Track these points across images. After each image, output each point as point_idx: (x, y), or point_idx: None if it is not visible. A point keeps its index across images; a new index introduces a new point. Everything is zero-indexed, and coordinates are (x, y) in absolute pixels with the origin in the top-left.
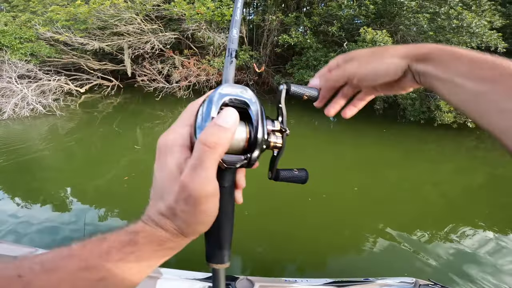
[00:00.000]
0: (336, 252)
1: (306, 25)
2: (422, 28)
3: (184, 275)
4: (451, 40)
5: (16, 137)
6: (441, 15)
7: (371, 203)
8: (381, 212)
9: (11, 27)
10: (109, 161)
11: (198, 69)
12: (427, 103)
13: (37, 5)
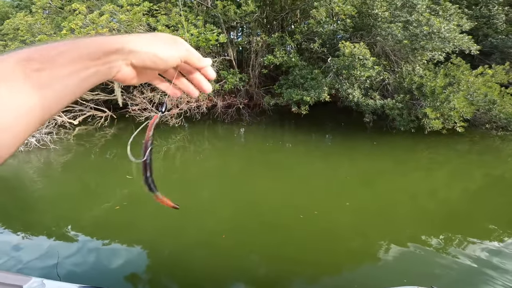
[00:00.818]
0: (331, 268)
1: (289, 44)
2: (397, 37)
3: None
4: (425, 46)
5: (11, 171)
6: (413, 22)
7: (365, 217)
8: (377, 225)
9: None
10: (103, 192)
11: (187, 96)
12: (415, 112)
13: (26, 34)
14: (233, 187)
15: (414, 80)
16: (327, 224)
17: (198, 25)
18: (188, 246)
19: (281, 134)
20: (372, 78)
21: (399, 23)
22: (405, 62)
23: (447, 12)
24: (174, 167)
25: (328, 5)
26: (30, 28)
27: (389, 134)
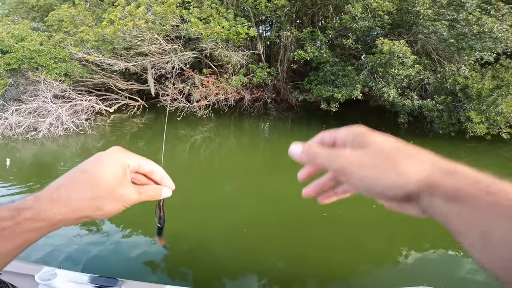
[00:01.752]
0: (351, 268)
1: (321, 39)
2: (442, 36)
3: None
4: (474, 46)
5: (51, 154)
6: (460, 21)
7: (391, 220)
8: (403, 230)
9: (46, 46)
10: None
11: (217, 88)
12: (456, 115)
13: (69, 25)
14: (257, 182)
15: (458, 81)
16: (350, 224)
17: (229, 18)
18: (209, 239)
19: (307, 131)
20: (410, 77)
21: (444, 21)
22: (448, 62)
23: (499, 12)
24: (199, 159)
25: (364, 1)
26: (73, 20)
27: (425, 137)
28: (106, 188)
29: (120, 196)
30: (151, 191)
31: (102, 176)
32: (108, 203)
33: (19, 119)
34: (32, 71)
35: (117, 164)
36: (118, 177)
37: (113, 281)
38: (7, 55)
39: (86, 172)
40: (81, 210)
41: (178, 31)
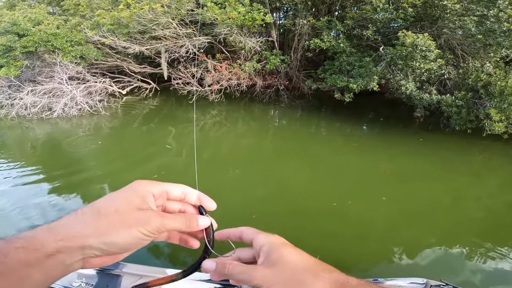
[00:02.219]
0: (358, 259)
1: (338, 29)
2: (470, 31)
3: (190, 276)
4: (502, 43)
5: (63, 133)
6: (490, 17)
7: (400, 214)
8: (412, 224)
9: (63, 30)
10: (144, 159)
11: (230, 73)
12: (475, 111)
13: (85, 9)
14: (266, 168)
15: (481, 77)
16: (360, 215)
17: (245, 4)
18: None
19: (318, 120)
20: (431, 72)
21: (473, 17)
22: (473, 58)
23: None
24: (208, 142)
25: None
26: (89, 4)
27: (439, 132)
28: (116, 214)
29: (134, 222)
30: (180, 218)
31: (111, 203)
32: (118, 230)
33: (35, 99)
34: (48, 53)
35: (132, 191)
36: (133, 203)
37: (115, 264)
38: (24, 38)
39: (95, 204)
40: (81, 237)
41: (193, 16)
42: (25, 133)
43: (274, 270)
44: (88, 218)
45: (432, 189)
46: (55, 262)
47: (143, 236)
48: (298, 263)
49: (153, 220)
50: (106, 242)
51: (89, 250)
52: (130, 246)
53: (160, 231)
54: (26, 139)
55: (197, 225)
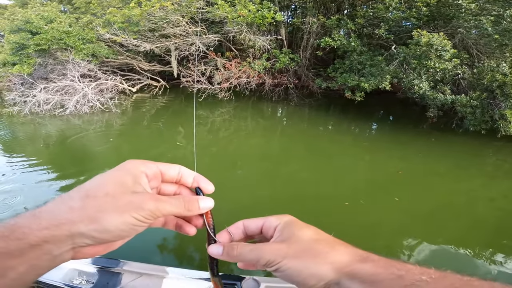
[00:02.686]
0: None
1: (349, 27)
2: (487, 31)
3: (190, 274)
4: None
5: (74, 130)
6: (507, 17)
7: (412, 215)
8: (425, 225)
9: (75, 28)
10: (155, 156)
11: (239, 71)
12: (490, 112)
13: (97, 7)
14: (275, 166)
15: (496, 77)
16: (373, 214)
17: (255, 1)
18: (220, 222)
19: (328, 118)
20: (445, 71)
21: (490, 17)
22: (488, 58)
23: None
24: (217, 140)
25: None
26: (100, 2)
27: (452, 133)
28: (105, 196)
29: (126, 204)
30: (178, 201)
31: (101, 185)
32: (108, 214)
33: (47, 96)
34: (60, 51)
35: (124, 172)
36: (125, 185)
37: (115, 262)
38: (37, 36)
39: (82, 187)
40: (69, 224)
41: (203, 14)
42: (37, 129)
43: (287, 243)
44: (76, 202)
45: (445, 190)
46: (41, 253)
47: (137, 222)
48: (312, 236)
49: (147, 204)
50: (98, 229)
51: (79, 238)
52: (124, 233)
53: (155, 216)
54: (39, 135)
55: (198, 208)
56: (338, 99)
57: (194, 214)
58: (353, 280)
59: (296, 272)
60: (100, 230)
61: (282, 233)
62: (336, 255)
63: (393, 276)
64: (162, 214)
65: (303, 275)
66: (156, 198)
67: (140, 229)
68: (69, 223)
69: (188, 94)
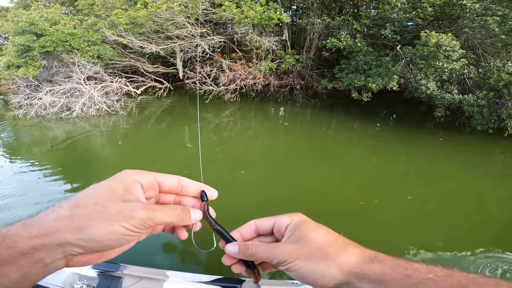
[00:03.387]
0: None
1: (355, 28)
2: (494, 31)
3: (190, 277)
4: None
5: (82, 133)
6: (511, 18)
7: (425, 213)
8: (438, 224)
9: (79, 30)
10: (163, 158)
11: (246, 73)
12: (498, 111)
13: (101, 9)
14: (284, 168)
15: (502, 77)
16: (385, 214)
17: (261, 2)
18: (230, 221)
19: (334, 119)
20: (453, 71)
21: (496, 17)
22: (494, 57)
23: None
24: (222, 141)
25: None
26: (104, 3)
27: (459, 132)
28: (94, 205)
29: (116, 215)
30: (171, 210)
31: (91, 194)
32: (95, 223)
33: (53, 99)
34: (65, 53)
35: (116, 181)
36: (116, 193)
37: (116, 266)
38: (42, 38)
39: (74, 197)
40: (57, 232)
41: (207, 15)
42: (44, 133)
43: (299, 244)
44: (64, 211)
45: (454, 188)
46: (32, 261)
47: (127, 231)
48: (323, 237)
49: (138, 213)
50: (84, 238)
51: (68, 247)
52: (113, 243)
53: (147, 225)
54: (46, 139)
55: (190, 218)
56: (343, 99)
57: (186, 224)
58: (362, 280)
59: (307, 272)
60: (87, 240)
61: (294, 233)
62: (346, 257)
63: (401, 275)
64: (154, 223)
65: (314, 275)
66: (147, 207)
67: (131, 239)
68: (57, 232)
69: (193, 95)
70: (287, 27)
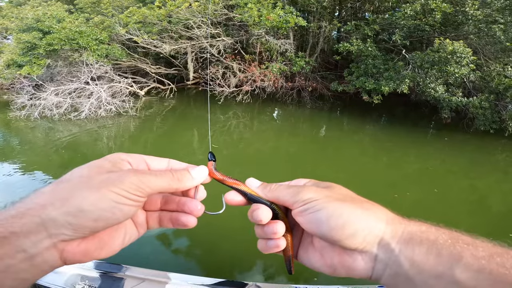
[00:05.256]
0: None
1: (366, 33)
2: (499, 39)
3: (192, 280)
4: None
5: (90, 135)
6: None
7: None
8: (465, 217)
9: (88, 28)
10: (181, 159)
11: (261, 74)
12: (501, 113)
13: (108, 7)
14: (302, 168)
15: (503, 81)
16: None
17: (277, 6)
18: (232, 229)
19: (343, 120)
20: (461, 76)
21: (500, 25)
22: (494, 61)
23: None
24: (232, 143)
25: (424, 1)
26: (112, 1)
27: (462, 132)
28: (80, 179)
29: (104, 181)
30: (165, 172)
31: (75, 171)
32: (81, 192)
33: (59, 99)
34: (72, 52)
35: (103, 159)
36: (102, 167)
37: (118, 267)
38: (49, 35)
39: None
40: (37, 208)
41: (223, 16)
42: (50, 135)
43: (328, 189)
44: (47, 188)
45: (466, 185)
46: (12, 249)
47: (119, 197)
48: (350, 191)
49: (127, 177)
50: (71, 211)
51: (54, 228)
52: (106, 214)
53: (141, 190)
54: (51, 141)
55: (191, 177)
56: (349, 102)
57: (187, 186)
58: (411, 244)
59: (337, 212)
60: (75, 212)
61: (319, 185)
62: (383, 210)
63: (446, 235)
64: (149, 188)
65: (345, 217)
66: (138, 171)
67: (127, 208)
68: (38, 207)
69: (198, 96)
70: (292, 30)
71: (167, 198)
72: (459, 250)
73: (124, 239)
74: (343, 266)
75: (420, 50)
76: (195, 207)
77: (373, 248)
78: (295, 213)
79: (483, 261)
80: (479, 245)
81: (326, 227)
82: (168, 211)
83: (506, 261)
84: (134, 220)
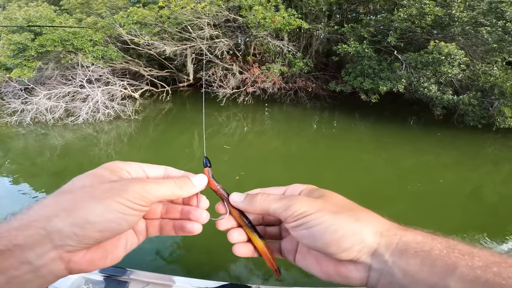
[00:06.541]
0: None
1: (363, 35)
2: (486, 41)
3: (197, 283)
4: (508, 49)
5: (87, 139)
6: (498, 28)
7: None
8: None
9: (81, 29)
10: (185, 163)
11: (263, 76)
12: (489, 109)
13: (102, 8)
14: (309, 169)
15: (489, 79)
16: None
17: (279, 8)
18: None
19: (342, 119)
20: (452, 76)
21: (487, 27)
22: (480, 61)
23: None
24: (232, 143)
25: (419, 5)
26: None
27: (453, 128)
28: (82, 189)
29: (107, 191)
30: (168, 180)
31: (75, 181)
32: (87, 203)
33: (53, 103)
34: (66, 54)
35: (101, 168)
36: (103, 176)
37: (122, 271)
38: (42, 36)
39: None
40: (42, 220)
41: (226, 17)
42: (44, 142)
43: (320, 200)
44: (49, 200)
45: (462, 177)
46: (16, 261)
47: (124, 208)
48: (346, 200)
49: (131, 186)
50: (78, 222)
51: (59, 239)
52: (112, 225)
53: (145, 199)
54: (47, 148)
55: (192, 184)
56: (345, 101)
57: (189, 193)
58: (404, 254)
59: (332, 228)
60: (81, 224)
61: (312, 194)
62: (377, 220)
63: (443, 249)
64: (153, 196)
65: (340, 232)
66: (140, 180)
67: (131, 218)
68: (42, 219)
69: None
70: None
71: (168, 206)
72: (454, 261)
73: (126, 247)
74: (338, 274)
75: (410, 51)
76: (200, 216)
77: (367, 259)
78: (288, 228)
79: (478, 271)
80: (475, 254)
81: (320, 243)
82: (170, 219)
83: (504, 270)
84: (134, 228)
